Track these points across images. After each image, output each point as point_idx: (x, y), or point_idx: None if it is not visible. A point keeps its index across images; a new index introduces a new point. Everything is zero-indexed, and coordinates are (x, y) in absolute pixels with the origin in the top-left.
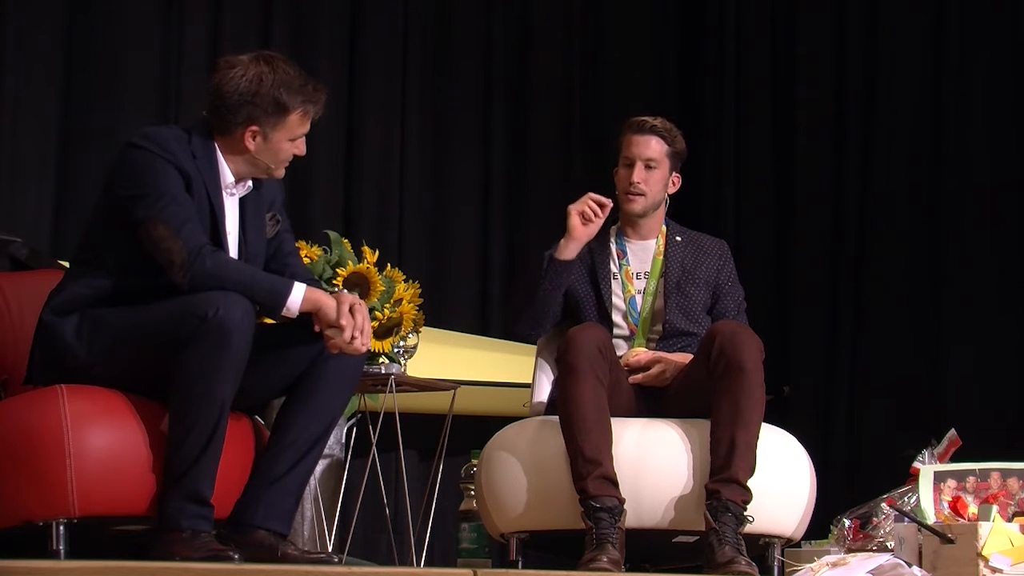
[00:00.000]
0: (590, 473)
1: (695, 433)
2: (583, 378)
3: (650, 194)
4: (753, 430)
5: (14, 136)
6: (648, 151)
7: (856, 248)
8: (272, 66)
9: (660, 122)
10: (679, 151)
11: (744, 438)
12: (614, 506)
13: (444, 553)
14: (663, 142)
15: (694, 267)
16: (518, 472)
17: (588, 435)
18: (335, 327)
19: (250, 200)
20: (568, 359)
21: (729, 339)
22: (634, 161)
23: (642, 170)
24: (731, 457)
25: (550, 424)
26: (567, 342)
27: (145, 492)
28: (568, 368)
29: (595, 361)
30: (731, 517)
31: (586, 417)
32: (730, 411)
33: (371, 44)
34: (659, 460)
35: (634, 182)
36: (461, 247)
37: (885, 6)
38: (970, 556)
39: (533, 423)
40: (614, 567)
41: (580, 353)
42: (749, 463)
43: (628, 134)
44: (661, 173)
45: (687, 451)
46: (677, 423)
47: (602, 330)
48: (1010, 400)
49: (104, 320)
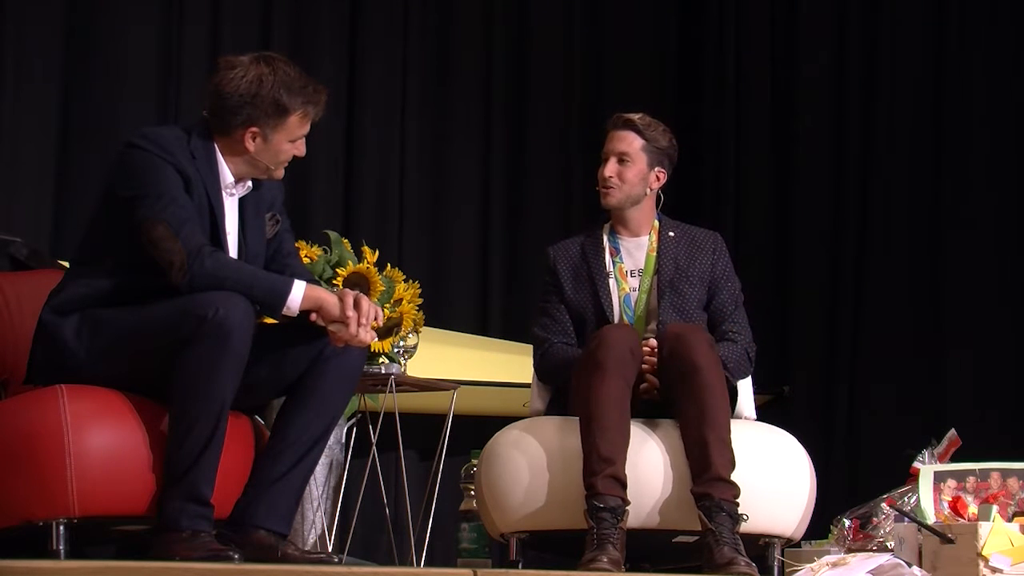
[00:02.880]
0: (602, 471)
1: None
2: (611, 377)
3: (624, 187)
4: (722, 424)
5: (14, 136)
6: (621, 145)
7: (856, 248)
8: (272, 67)
9: (639, 117)
10: (661, 147)
11: (715, 435)
12: (617, 506)
13: (444, 553)
14: (639, 137)
15: (688, 263)
16: (518, 472)
17: (607, 433)
18: (339, 322)
19: (250, 200)
20: (598, 356)
21: (675, 341)
22: (607, 156)
23: (614, 164)
24: (708, 457)
25: (550, 424)
26: (599, 339)
27: (145, 492)
28: (597, 365)
29: (625, 362)
30: (726, 516)
31: (609, 416)
32: (695, 412)
33: (371, 44)
34: (659, 460)
35: (605, 176)
36: (461, 247)
37: (886, 4)
38: (970, 556)
39: (533, 423)
40: (614, 567)
41: (611, 352)
42: (728, 458)
43: (607, 130)
44: (637, 168)
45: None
46: (677, 423)
47: (634, 332)
48: (1010, 400)
49: (104, 320)
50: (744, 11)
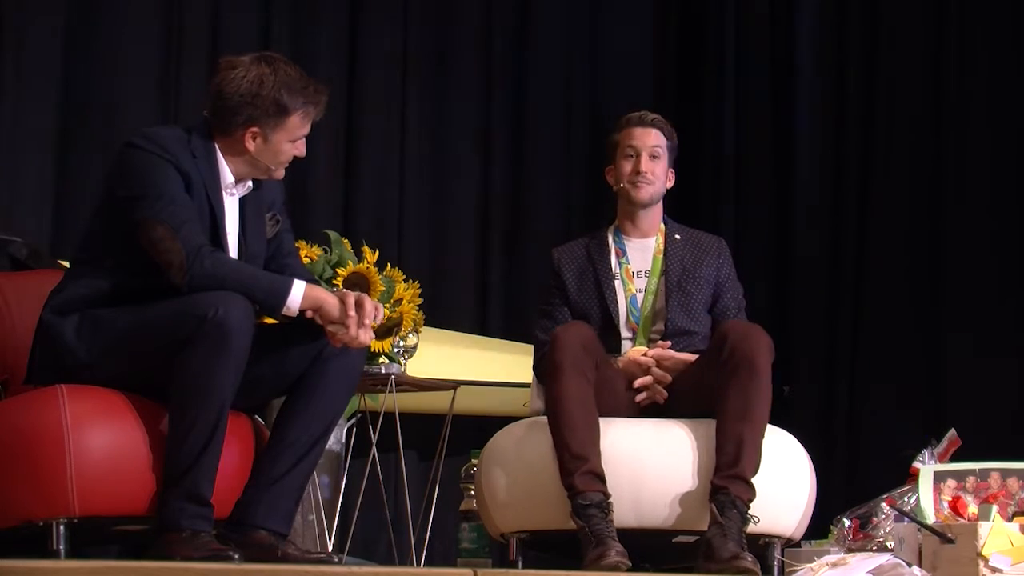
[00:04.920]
0: (577, 469)
1: (696, 433)
2: (567, 375)
3: (657, 183)
4: (760, 429)
5: (14, 136)
6: (652, 140)
7: (856, 247)
8: (273, 67)
9: (658, 117)
10: (675, 146)
11: (752, 436)
12: (600, 501)
13: (444, 553)
14: (662, 135)
15: (694, 265)
16: (518, 472)
17: (574, 432)
18: (338, 323)
19: (250, 200)
20: (553, 357)
21: (742, 337)
22: (639, 151)
23: (648, 159)
24: (739, 454)
25: None
26: (552, 341)
27: (145, 492)
28: (553, 366)
29: (579, 359)
30: (736, 514)
31: (572, 414)
32: (740, 407)
33: (371, 43)
34: (660, 460)
35: (642, 171)
36: (461, 247)
37: (886, 2)
38: (970, 556)
39: (533, 423)
40: (624, 559)
41: (565, 351)
42: (755, 461)
43: (628, 127)
44: (663, 164)
45: (688, 451)
46: (678, 423)
47: (587, 328)
48: (1010, 400)
49: (104, 320)
50: (744, 11)
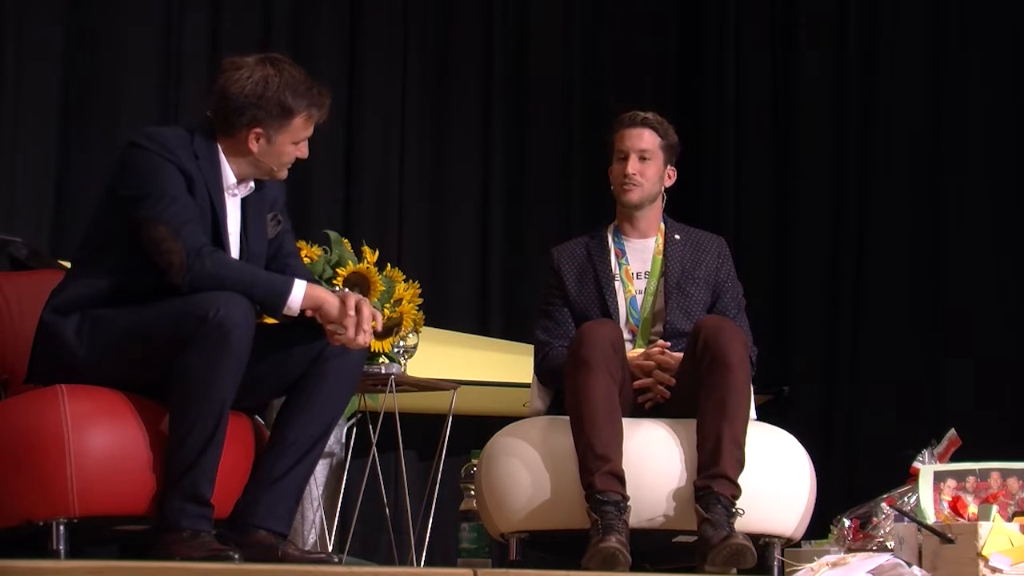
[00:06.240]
0: (599, 469)
1: (694, 433)
2: (596, 374)
3: (646, 185)
4: (739, 425)
5: (14, 136)
6: (641, 143)
7: (856, 247)
8: (278, 69)
9: (652, 115)
10: (672, 144)
11: (730, 433)
12: (619, 501)
13: (444, 553)
14: (655, 134)
15: (694, 266)
16: (518, 472)
17: (599, 431)
18: (338, 324)
19: (252, 201)
20: (582, 354)
21: (713, 334)
22: (628, 153)
23: (636, 161)
24: (718, 453)
25: (550, 424)
26: (580, 337)
27: (145, 492)
28: (581, 363)
29: (609, 357)
30: (722, 508)
31: (598, 413)
32: (716, 407)
33: (371, 44)
34: (658, 460)
35: (629, 174)
36: (461, 247)
37: (885, 3)
38: (970, 556)
39: (533, 423)
40: (622, 547)
41: (594, 348)
42: (737, 459)
43: (620, 128)
44: (656, 165)
45: (686, 451)
46: (676, 423)
47: (616, 327)
48: (1010, 399)
49: (104, 320)
50: (744, 11)
